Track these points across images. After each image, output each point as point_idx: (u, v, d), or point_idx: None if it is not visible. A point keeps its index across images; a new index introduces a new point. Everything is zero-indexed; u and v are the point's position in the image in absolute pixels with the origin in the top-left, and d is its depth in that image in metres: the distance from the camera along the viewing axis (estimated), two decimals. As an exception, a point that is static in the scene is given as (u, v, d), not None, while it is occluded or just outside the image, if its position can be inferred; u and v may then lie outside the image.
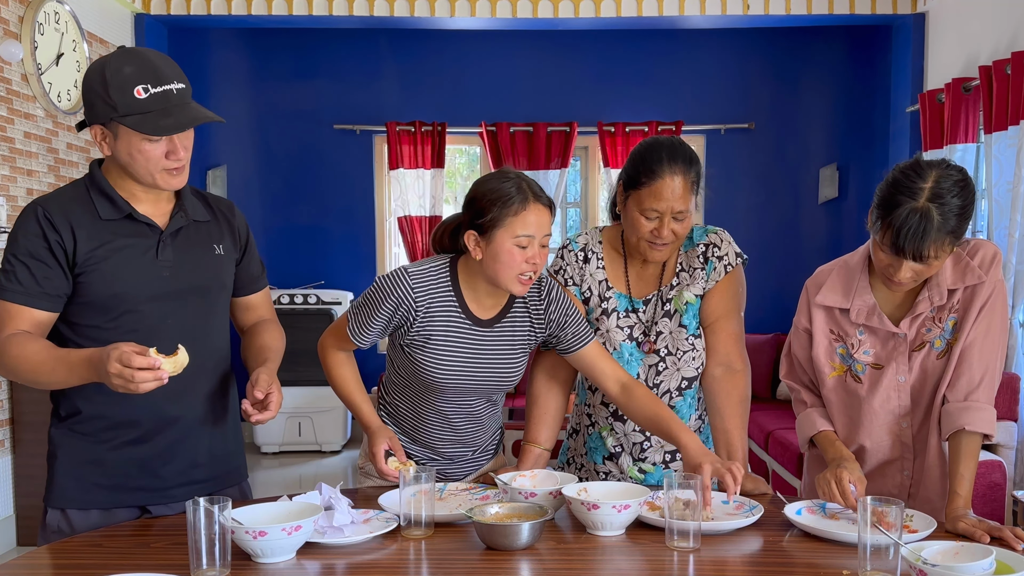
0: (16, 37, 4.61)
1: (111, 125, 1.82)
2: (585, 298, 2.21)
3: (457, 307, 2.04)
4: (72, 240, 1.83)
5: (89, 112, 1.85)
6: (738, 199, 6.48)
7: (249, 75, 6.49)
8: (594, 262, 2.21)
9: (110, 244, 1.86)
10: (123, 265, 1.86)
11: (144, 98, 1.79)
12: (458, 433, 2.16)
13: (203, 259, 1.96)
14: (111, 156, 1.86)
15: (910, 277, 1.85)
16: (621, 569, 1.68)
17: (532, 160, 6.48)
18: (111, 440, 1.91)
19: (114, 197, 1.88)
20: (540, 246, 1.96)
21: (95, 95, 1.81)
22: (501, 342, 2.08)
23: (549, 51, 6.47)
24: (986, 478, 3.95)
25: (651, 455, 2.20)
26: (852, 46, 6.41)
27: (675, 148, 2.05)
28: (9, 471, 4.53)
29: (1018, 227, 4.42)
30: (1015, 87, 4.38)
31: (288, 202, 6.55)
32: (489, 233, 1.95)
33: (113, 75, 1.79)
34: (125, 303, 1.86)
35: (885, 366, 2.00)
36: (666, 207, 2.02)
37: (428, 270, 2.04)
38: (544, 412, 2.20)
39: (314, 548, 1.72)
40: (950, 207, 1.77)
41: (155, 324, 1.89)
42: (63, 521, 1.91)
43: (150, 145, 1.82)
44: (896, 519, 1.55)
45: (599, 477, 2.24)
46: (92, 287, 1.85)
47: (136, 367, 1.63)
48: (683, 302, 2.16)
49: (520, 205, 1.93)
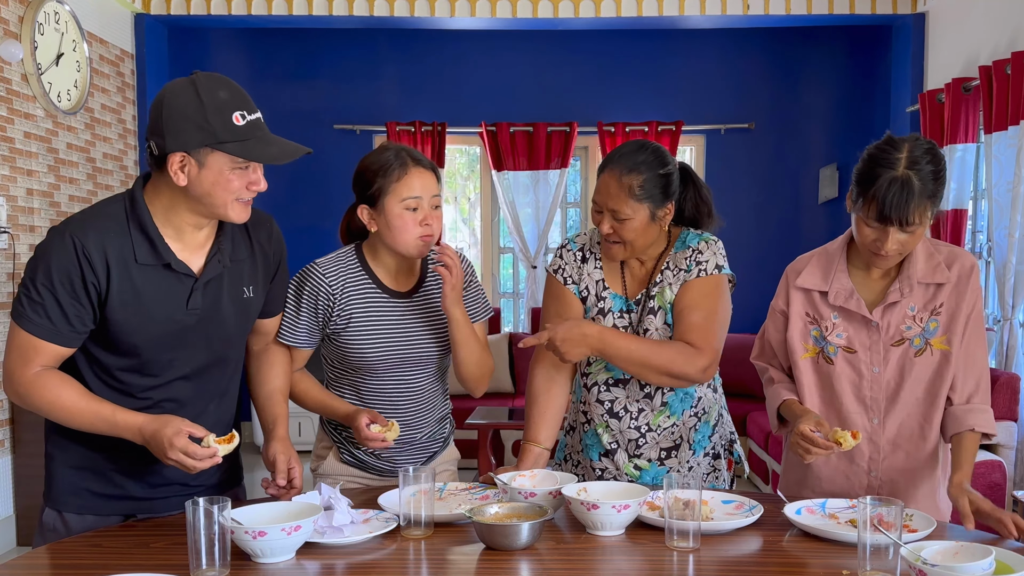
0: (16, 37, 4.61)
1: (199, 152, 1.71)
2: (583, 297, 2.21)
3: (371, 283, 2.14)
4: (107, 281, 1.75)
5: (173, 138, 1.70)
6: (738, 199, 6.48)
7: (249, 75, 6.49)
8: (592, 262, 2.22)
9: (142, 291, 1.78)
10: (151, 315, 1.79)
11: (242, 125, 1.73)
12: (404, 414, 2.19)
13: (232, 305, 1.90)
14: (182, 185, 1.73)
15: (896, 249, 1.92)
16: (621, 569, 1.68)
17: (532, 160, 6.48)
18: (107, 449, 1.88)
19: (155, 240, 1.77)
20: (432, 207, 2.07)
21: (186, 120, 1.69)
22: (424, 310, 2.17)
23: (549, 51, 6.47)
24: (986, 478, 3.95)
25: (646, 451, 2.20)
26: (852, 46, 6.41)
27: (627, 152, 2.07)
28: (9, 471, 4.54)
29: (1018, 227, 4.42)
30: (1015, 87, 4.38)
31: (288, 202, 6.54)
32: (379, 203, 2.07)
33: (210, 99, 1.70)
34: (146, 351, 1.82)
35: (858, 352, 2.05)
36: (602, 201, 2.08)
37: (334, 257, 2.16)
38: (544, 411, 2.20)
39: (314, 548, 1.72)
40: (926, 172, 1.87)
41: (172, 370, 1.86)
42: (59, 521, 1.91)
43: (238, 174, 1.75)
44: (896, 519, 1.55)
45: (595, 474, 2.24)
46: (115, 332, 1.79)
47: (199, 458, 1.71)
48: (667, 299, 2.16)
49: (401, 171, 2.06)
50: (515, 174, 6.52)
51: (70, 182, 5.14)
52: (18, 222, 4.64)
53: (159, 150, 1.73)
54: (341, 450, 2.25)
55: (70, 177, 5.14)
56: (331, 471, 2.26)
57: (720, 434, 2.28)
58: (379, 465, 2.23)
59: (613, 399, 2.19)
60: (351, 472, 2.25)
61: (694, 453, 2.22)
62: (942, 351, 2.01)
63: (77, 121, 5.22)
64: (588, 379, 2.22)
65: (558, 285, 2.23)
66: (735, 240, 6.61)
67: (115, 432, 1.77)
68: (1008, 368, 4.48)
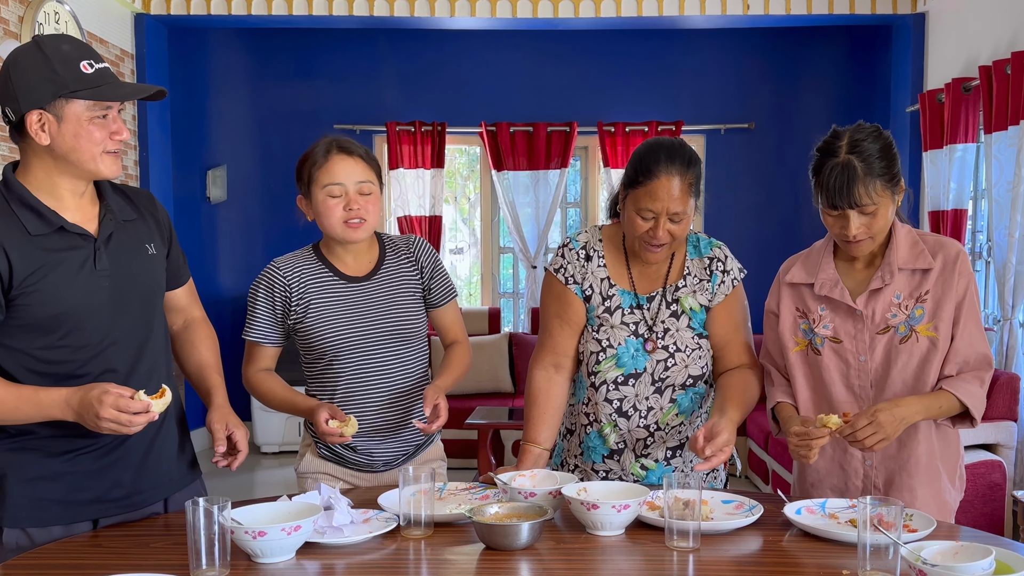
0: (16, 37, 4.61)
1: (54, 106, 1.72)
2: (587, 296, 2.20)
3: (327, 271, 2.22)
4: (6, 261, 1.72)
5: (25, 98, 1.71)
6: (738, 199, 6.48)
7: (249, 75, 6.49)
8: (595, 260, 2.21)
9: (45, 262, 1.75)
10: (62, 282, 1.76)
11: (91, 72, 1.74)
12: (378, 399, 2.21)
13: (138, 262, 1.89)
14: (44, 148, 1.74)
15: (863, 232, 1.98)
16: (621, 569, 1.68)
17: (532, 160, 6.48)
18: (65, 453, 1.83)
19: (40, 209, 1.76)
20: (358, 193, 2.14)
21: (35, 77, 1.70)
22: (384, 292, 2.23)
23: (549, 51, 6.47)
24: (986, 478, 3.95)
25: (654, 451, 2.20)
26: (852, 46, 6.41)
27: (674, 149, 2.06)
28: None
29: (1018, 227, 4.42)
30: (1015, 87, 4.38)
31: (288, 202, 6.47)
32: (310, 192, 2.17)
33: (55, 53, 1.72)
34: (68, 322, 1.78)
35: (844, 341, 2.07)
36: (661, 207, 2.03)
37: (291, 254, 2.26)
38: (543, 411, 2.19)
39: (314, 548, 1.72)
40: (869, 152, 1.95)
41: (101, 338, 1.82)
42: (23, 537, 1.82)
43: (98, 124, 1.75)
44: (896, 519, 1.55)
45: (597, 477, 2.23)
46: (31, 309, 1.75)
47: (132, 412, 1.66)
48: (689, 306, 2.17)
49: (323, 159, 2.14)
50: (515, 174, 6.52)
51: None
52: (18, 222, 4.63)
53: (15, 114, 1.74)
54: (318, 445, 2.27)
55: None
56: (310, 468, 2.27)
57: None
58: (356, 459, 2.24)
59: (622, 397, 2.18)
60: (329, 468, 2.26)
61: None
62: (929, 338, 2.02)
63: None
64: (596, 378, 2.20)
65: (559, 285, 2.22)
66: (735, 240, 6.59)
67: (41, 412, 1.73)
68: (1008, 368, 4.47)
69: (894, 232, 2.06)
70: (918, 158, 5.61)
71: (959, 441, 2.14)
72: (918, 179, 5.57)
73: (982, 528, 3.08)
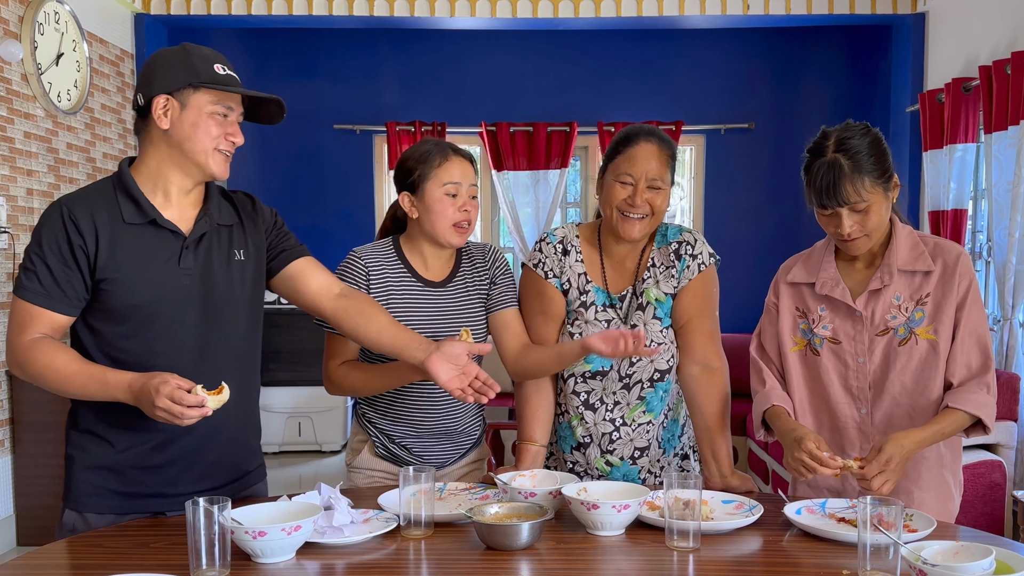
0: (16, 37, 4.61)
1: (182, 93, 1.82)
2: (564, 290, 2.23)
3: (406, 271, 2.21)
4: (95, 244, 1.81)
5: (158, 82, 1.83)
6: (738, 199, 6.48)
7: (249, 75, 6.48)
8: (573, 255, 2.23)
9: (132, 251, 1.84)
10: (144, 273, 1.84)
11: (223, 74, 1.87)
12: (439, 403, 2.20)
13: (223, 267, 1.93)
14: (161, 136, 1.84)
15: (857, 230, 1.98)
16: (621, 569, 1.68)
17: (532, 160, 6.48)
18: (129, 448, 1.90)
19: (140, 200, 1.85)
20: (469, 197, 2.17)
21: (172, 64, 1.83)
22: (457, 300, 2.23)
23: (549, 51, 6.46)
24: (986, 478, 3.95)
25: (619, 448, 2.21)
26: (852, 46, 6.41)
27: (653, 129, 2.18)
28: (9, 471, 4.53)
29: (1018, 227, 4.42)
30: (1015, 87, 4.38)
31: (288, 202, 6.53)
32: (420, 189, 2.15)
33: (195, 50, 1.86)
34: (145, 312, 1.85)
35: (843, 343, 2.07)
36: (640, 172, 2.09)
37: (373, 245, 2.25)
38: (536, 409, 2.22)
39: (314, 548, 1.72)
40: (856, 149, 1.95)
41: (177, 333, 1.87)
42: (80, 521, 1.91)
43: (217, 120, 1.85)
44: (896, 519, 1.55)
45: (567, 467, 2.26)
46: (112, 296, 1.83)
47: (186, 404, 1.68)
48: (654, 297, 2.18)
49: (442, 158, 2.16)
50: (515, 174, 6.52)
51: (70, 182, 5.14)
52: (18, 222, 4.64)
53: (145, 99, 1.84)
54: (376, 444, 2.26)
55: (70, 177, 5.14)
56: (365, 465, 2.27)
57: (688, 435, 2.30)
58: (410, 460, 2.24)
59: (590, 390, 2.21)
60: (384, 467, 2.25)
61: (664, 452, 2.24)
62: (929, 341, 2.01)
63: (77, 121, 5.22)
64: (565, 371, 2.22)
65: (539, 280, 2.23)
66: (735, 240, 6.65)
67: (106, 392, 1.77)
68: (1008, 368, 4.48)
69: (895, 233, 2.06)
70: (918, 158, 5.60)
71: (960, 445, 2.14)
72: (918, 179, 5.56)
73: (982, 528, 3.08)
